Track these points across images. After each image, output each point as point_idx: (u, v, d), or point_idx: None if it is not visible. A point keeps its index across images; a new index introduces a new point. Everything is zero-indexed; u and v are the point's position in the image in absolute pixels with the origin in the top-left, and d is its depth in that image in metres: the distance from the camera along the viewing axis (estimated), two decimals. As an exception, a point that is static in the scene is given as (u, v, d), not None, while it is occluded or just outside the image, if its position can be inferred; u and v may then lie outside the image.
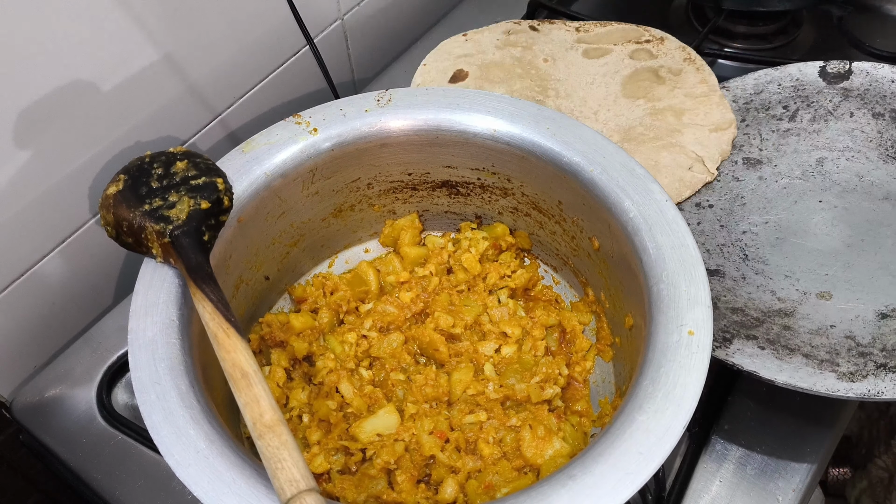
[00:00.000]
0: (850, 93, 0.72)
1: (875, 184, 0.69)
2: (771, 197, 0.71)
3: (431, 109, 0.63)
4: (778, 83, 0.73)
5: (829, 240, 0.67)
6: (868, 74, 0.71)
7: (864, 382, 0.55)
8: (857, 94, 0.71)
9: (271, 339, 0.64)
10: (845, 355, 0.58)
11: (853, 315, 0.62)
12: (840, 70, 0.72)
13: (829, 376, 0.56)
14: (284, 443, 0.43)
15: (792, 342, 0.60)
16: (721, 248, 0.68)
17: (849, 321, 0.61)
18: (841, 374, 0.56)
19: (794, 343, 0.60)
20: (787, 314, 0.63)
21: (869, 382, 0.55)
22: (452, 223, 0.73)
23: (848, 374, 0.56)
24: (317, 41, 0.83)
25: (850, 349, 0.58)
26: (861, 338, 0.59)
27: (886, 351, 0.57)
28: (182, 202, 0.54)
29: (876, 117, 0.70)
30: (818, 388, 0.55)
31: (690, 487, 0.60)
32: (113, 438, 0.64)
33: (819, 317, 0.62)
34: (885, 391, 0.54)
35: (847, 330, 0.60)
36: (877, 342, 0.59)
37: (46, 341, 0.73)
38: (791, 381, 0.56)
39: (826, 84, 0.72)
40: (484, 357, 0.63)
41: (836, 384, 0.55)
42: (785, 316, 0.62)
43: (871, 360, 0.57)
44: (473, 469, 0.57)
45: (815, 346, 0.59)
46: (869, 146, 0.70)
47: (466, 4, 1.00)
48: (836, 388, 0.55)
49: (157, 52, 0.67)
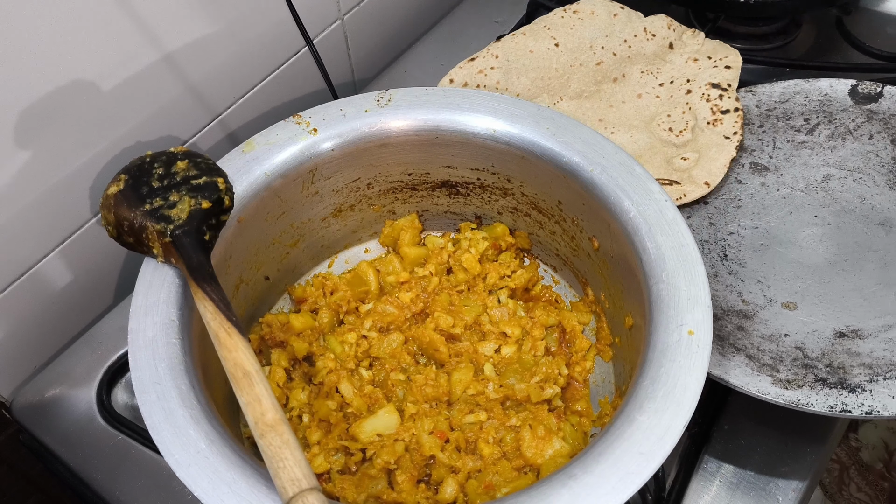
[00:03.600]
0: (876, 115, 0.71)
1: (875, 208, 0.69)
2: (768, 204, 0.71)
3: (431, 109, 0.63)
4: (806, 95, 0.73)
5: (813, 254, 0.68)
6: None
7: (796, 392, 0.56)
8: (881, 118, 0.71)
9: (271, 339, 0.64)
10: (789, 364, 0.58)
11: (811, 329, 0.62)
12: (871, 91, 0.72)
13: (766, 380, 0.57)
14: (286, 442, 0.43)
15: (740, 342, 0.60)
16: (703, 244, 0.69)
17: (804, 334, 0.62)
18: (777, 380, 0.56)
19: (741, 343, 0.60)
20: (747, 316, 0.63)
21: (801, 392, 0.55)
22: (452, 223, 0.73)
23: (784, 381, 0.56)
24: (317, 41, 0.83)
25: (796, 359, 0.59)
26: (810, 351, 0.60)
27: (831, 368, 0.58)
28: (183, 202, 0.54)
29: (895, 143, 0.70)
30: (749, 389, 0.56)
31: (690, 487, 0.60)
32: (113, 438, 0.64)
33: (776, 324, 0.63)
34: (815, 404, 0.55)
35: (799, 341, 0.61)
36: (824, 357, 0.59)
37: (46, 341, 0.73)
38: (724, 377, 0.57)
39: (853, 103, 0.72)
40: (484, 357, 0.63)
41: (768, 388, 0.56)
42: (743, 317, 0.63)
43: (813, 372, 0.57)
44: (473, 469, 0.57)
45: (762, 350, 0.60)
46: (880, 171, 0.70)
47: (466, 4, 1.00)
48: (767, 391, 0.56)
49: (157, 52, 0.67)
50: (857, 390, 0.55)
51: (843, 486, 1.28)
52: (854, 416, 0.54)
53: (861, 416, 0.54)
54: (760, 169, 0.71)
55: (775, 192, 0.72)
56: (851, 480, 1.27)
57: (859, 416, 0.54)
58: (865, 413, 0.54)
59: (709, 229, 0.69)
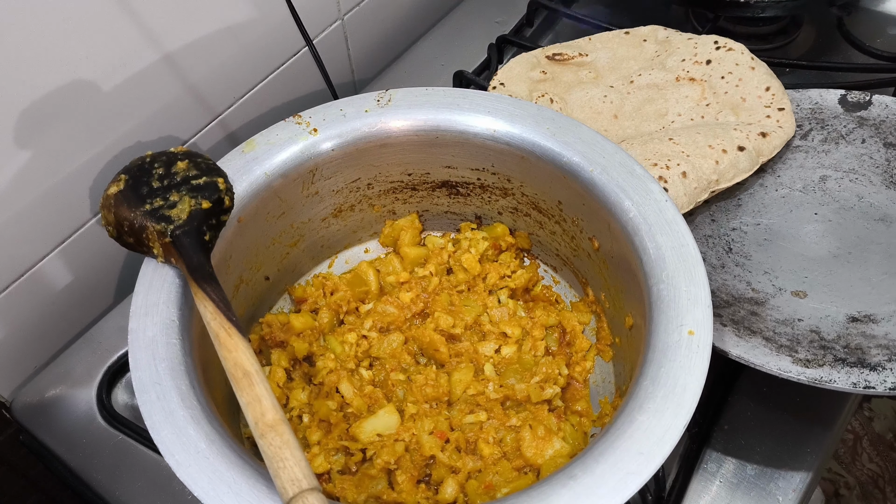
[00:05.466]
0: (866, 121, 0.72)
1: (874, 205, 0.70)
2: (768, 203, 0.72)
3: (431, 110, 0.63)
4: (797, 104, 0.74)
5: (817, 248, 0.68)
6: (887, 107, 0.72)
7: (818, 370, 0.56)
8: (872, 124, 0.72)
9: (271, 339, 0.64)
10: (806, 345, 0.58)
11: (823, 314, 0.62)
12: (860, 100, 0.73)
13: (785, 359, 0.56)
14: (286, 442, 0.43)
15: (755, 326, 0.60)
16: (707, 238, 0.69)
17: (818, 319, 0.61)
18: (797, 360, 0.56)
19: (757, 327, 0.60)
20: (758, 303, 0.63)
21: (823, 371, 0.55)
22: (452, 223, 0.73)
23: (804, 361, 0.56)
24: (316, 42, 0.83)
25: (813, 341, 0.59)
26: (826, 334, 0.60)
27: (849, 349, 0.58)
28: (183, 202, 0.54)
29: (887, 146, 0.71)
30: (770, 367, 0.56)
31: (690, 487, 0.60)
32: (113, 438, 0.64)
33: (789, 310, 0.63)
34: (837, 381, 0.55)
35: (814, 325, 0.61)
36: (840, 339, 0.59)
37: (46, 341, 0.73)
38: (744, 356, 0.57)
39: (844, 111, 0.73)
40: (484, 357, 0.63)
41: (789, 366, 0.56)
42: (755, 304, 0.63)
43: (831, 353, 0.57)
44: (473, 469, 0.57)
45: (778, 333, 0.60)
46: (874, 171, 0.71)
47: (466, 4, 1.00)
48: (789, 369, 0.56)
49: (157, 52, 0.67)
50: (877, 369, 0.55)
51: (856, 456, 1.28)
52: (878, 392, 0.54)
53: (885, 393, 0.54)
54: (758, 171, 0.71)
55: (774, 192, 0.72)
56: (864, 450, 1.28)
57: (883, 393, 0.54)
58: (890, 388, 0.54)
59: (711, 225, 0.70)
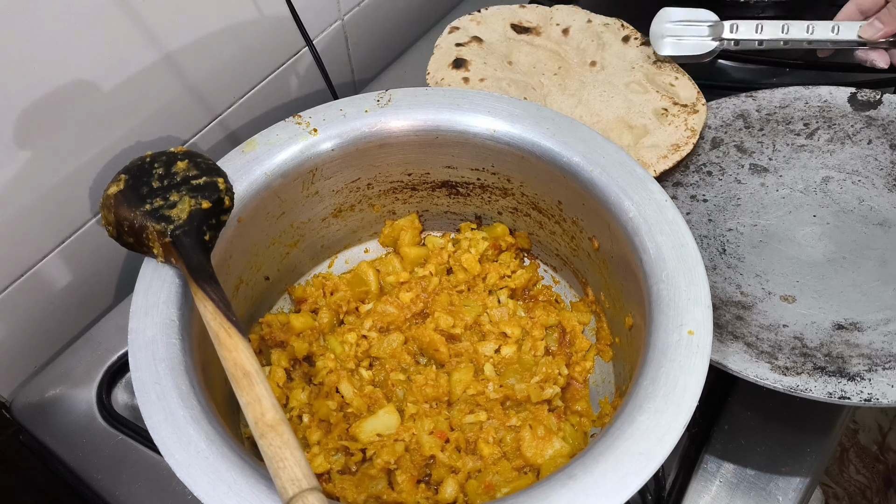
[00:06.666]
0: (875, 121, 0.72)
1: (874, 209, 0.70)
2: (767, 203, 0.72)
3: (431, 110, 0.63)
4: (806, 101, 0.74)
5: (812, 251, 0.68)
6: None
7: (795, 378, 0.56)
8: (880, 124, 0.72)
9: (271, 339, 0.64)
10: (787, 352, 0.59)
11: (809, 321, 0.62)
12: (870, 98, 0.73)
13: (764, 366, 0.57)
14: (286, 442, 0.43)
15: (739, 331, 0.61)
16: (702, 238, 0.69)
17: (803, 325, 0.62)
18: (775, 367, 0.57)
19: (740, 332, 0.60)
20: (745, 307, 0.64)
21: (800, 379, 0.56)
22: (452, 223, 0.73)
23: (782, 368, 0.57)
24: (316, 42, 0.83)
25: (794, 348, 0.59)
26: (809, 341, 0.60)
27: (830, 357, 0.58)
28: (183, 202, 0.54)
29: (893, 148, 0.71)
30: (748, 374, 0.56)
31: (690, 487, 0.60)
32: (113, 438, 0.64)
33: (775, 315, 0.63)
34: (814, 390, 0.55)
35: (798, 332, 0.61)
36: (823, 347, 0.59)
37: (46, 341, 0.73)
38: (722, 361, 0.57)
39: (853, 110, 0.73)
40: (484, 357, 0.63)
41: (767, 373, 0.56)
42: (742, 308, 0.63)
43: (811, 361, 0.58)
44: (473, 469, 0.57)
45: (760, 338, 0.60)
46: (878, 174, 0.71)
47: (466, 4, 1.00)
48: (766, 377, 0.56)
49: (157, 52, 0.67)
50: (855, 378, 0.55)
51: (843, 468, 1.29)
52: (853, 402, 0.54)
53: (860, 404, 0.54)
54: (760, 170, 0.71)
55: (774, 193, 0.72)
56: (850, 462, 1.29)
57: (858, 403, 0.54)
58: (864, 400, 0.54)
59: (708, 225, 0.70)
